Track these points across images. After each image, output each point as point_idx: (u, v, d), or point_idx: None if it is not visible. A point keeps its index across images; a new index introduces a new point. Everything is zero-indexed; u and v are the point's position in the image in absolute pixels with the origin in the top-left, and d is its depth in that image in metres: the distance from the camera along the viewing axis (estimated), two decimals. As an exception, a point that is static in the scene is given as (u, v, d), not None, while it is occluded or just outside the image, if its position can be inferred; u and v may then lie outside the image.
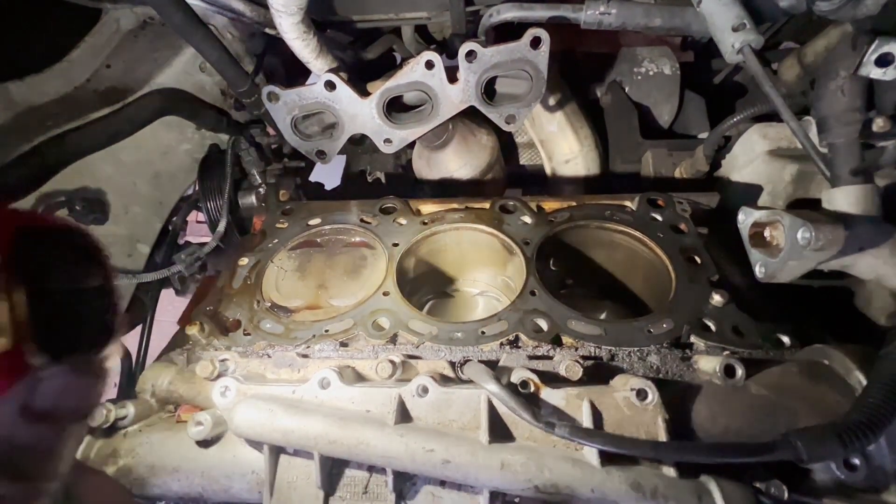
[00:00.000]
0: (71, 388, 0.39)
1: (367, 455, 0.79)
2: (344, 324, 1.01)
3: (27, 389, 0.37)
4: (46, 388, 0.38)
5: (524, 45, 1.13)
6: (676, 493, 0.72)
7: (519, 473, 0.75)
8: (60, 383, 0.38)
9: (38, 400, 0.37)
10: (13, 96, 1.21)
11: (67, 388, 0.39)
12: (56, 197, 1.29)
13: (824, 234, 0.85)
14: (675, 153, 1.52)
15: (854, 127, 0.96)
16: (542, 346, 0.93)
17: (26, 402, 0.37)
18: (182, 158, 1.62)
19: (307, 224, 1.27)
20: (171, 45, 1.44)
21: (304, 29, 1.16)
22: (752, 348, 0.91)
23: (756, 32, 1.01)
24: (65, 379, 0.39)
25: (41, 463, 0.38)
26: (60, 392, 0.38)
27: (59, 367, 0.39)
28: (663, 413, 0.80)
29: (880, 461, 0.73)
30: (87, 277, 0.44)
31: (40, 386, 0.37)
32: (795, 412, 0.81)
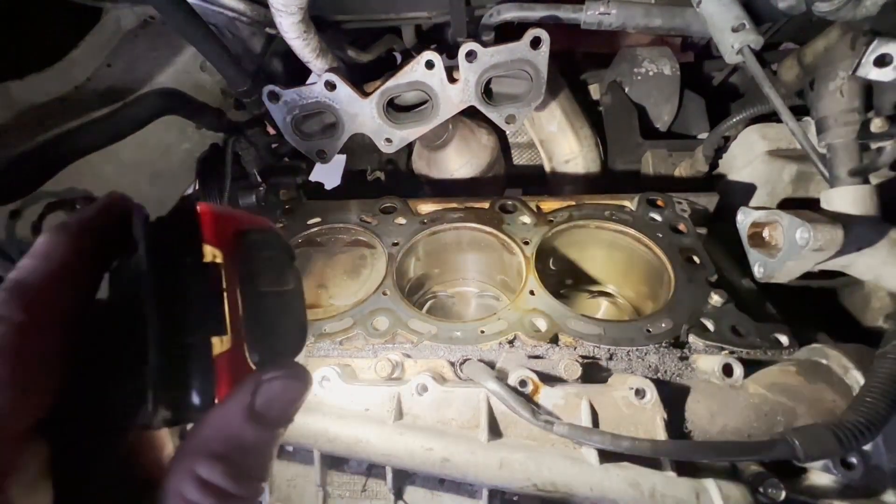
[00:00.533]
0: (286, 393, 0.40)
1: (367, 453, 0.79)
2: (343, 323, 1.01)
3: (252, 391, 0.38)
4: (267, 392, 0.38)
5: (524, 45, 1.14)
6: (675, 492, 0.73)
7: (518, 472, 0.75)
8: (279, 386, 0.39)
9: (261, 401, 0.38)
10: (13, 95, 1.21)
11: (284, 392, 0.40)
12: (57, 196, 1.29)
13: (823, 234, 0.85)
14: (674, 153, 1.52)
15: (853, 127, 0.97)
16: (541, 345, 0.93)
17: (252, 403, 0.38)
18: (182, 158, 1.62)
19: (307, 223, 1.27)
20: (172, 44, 1.44)
21: (305, 28, 1.16)
22: (750, 348, 0.92)
23: (756, 33, 1.01)
24: (282, 382, 0.40)
25: (260, 463, 0.39)
26: (278, 396, 0.39)
27: (279, 371, 0.40)
28: (662, 412, 0.80)
29: (877, 460, 0.74)
30: (289, 280, 0.44)
31: (262, 388, 0.38)
32: (793, 411, 0.81)
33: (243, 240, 0.40)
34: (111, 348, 0.37)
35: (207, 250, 0.38)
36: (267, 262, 0.42)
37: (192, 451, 0.36)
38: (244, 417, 0.37)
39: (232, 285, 0.38)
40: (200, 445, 0.36)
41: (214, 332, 0.36)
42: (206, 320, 0.36)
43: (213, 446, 0.36)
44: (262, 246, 0.42)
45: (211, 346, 0.36)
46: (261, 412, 0.38)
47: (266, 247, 0.43)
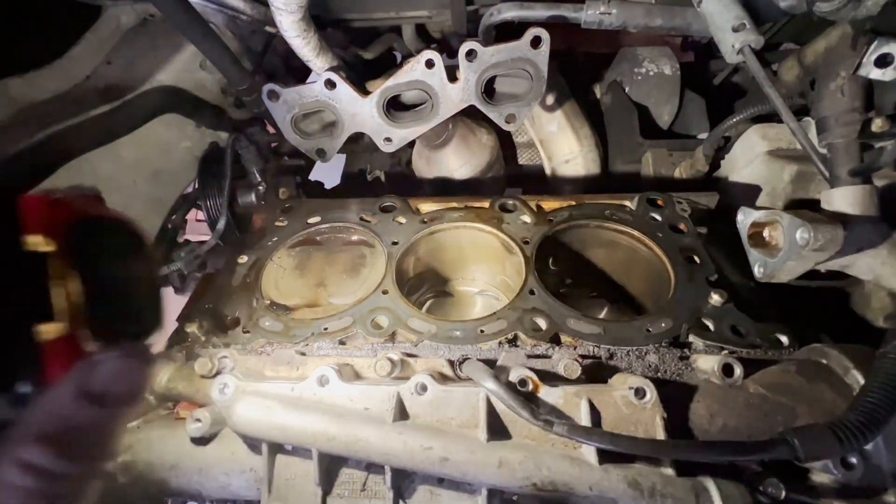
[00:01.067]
0: (123, 373, 0.41)
1: (366, 452, 0.79)
2: (343, 322, 1.01)
3: (85, 373, 0.39)
4: (101, 373, 0.40)
5: (524, 45, 1.13)
6: (674, 492, 0.73)
7: (517, 471, 0.75)
8: (114, 368, 0.41)
9: (95, 383, 0.39)
10: (13, 93, 1.21)
11: (120, 373, 0.41)
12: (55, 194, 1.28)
13: (823, 234, 0.85)
14: (674, 153, 1.52)
15: (853, 127, 0.97)
16: (541, 344, 0.93)
17: (84, 386, 0.39)
18: (182, 156, 1.62)
19: (307, 222, 1.27)
20: (172, 42, 1.44)
21: (305, 27, 1.16)
22: (750, 348, 0.92)
23: (756, 33, 1.01)
24: (118, 364, 0.41)
25: (97, 444, 0.40)
26: (114, 376, 0.40)
27: (113, 353, 0.41)
28: (661, 412, 0.80)
29: (877, 460, 0.74)
30: (136, 266, 0.45)
31: (96, 370, 0.40)
32: (793, 411, 0.81)
33: (80, 228, 0.41)
34: None
35: (32, 239, 0.37)
36: (112, 250, 0.43)
37: (17, 437, 0.36)
38: (74, 398, 0.38)
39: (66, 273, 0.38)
40: (26, 430, 0.37)
41: (39, 319, 0.36)
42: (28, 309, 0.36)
43: (40, 429, 0.37)
44: (103, 235, 0.43)
45: (36, 334, 0.36)
46: (96, 392, 0.38)
47: (109, 235, 0.43)
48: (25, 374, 0.36)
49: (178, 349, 1.03)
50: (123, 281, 0.44)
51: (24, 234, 0.37)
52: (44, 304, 0.37)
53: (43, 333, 0.37)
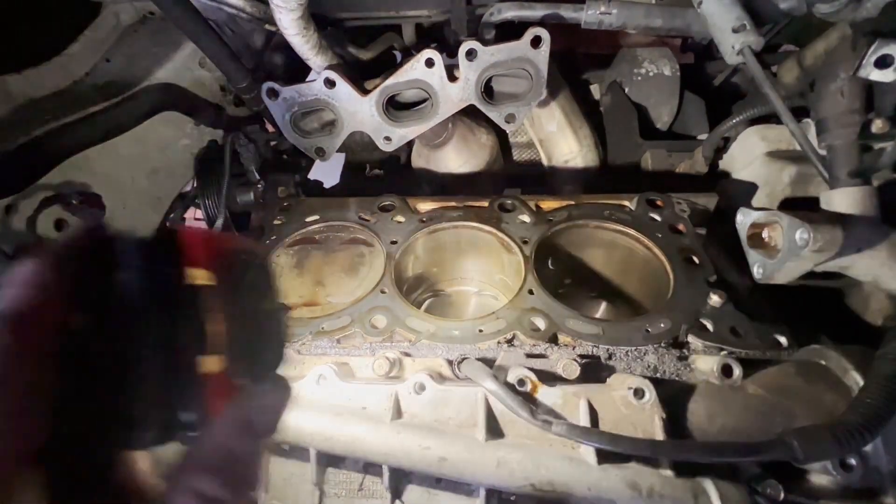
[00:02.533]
0: (272, 406, 0.44)
1: (363, 452, 0.79)
2: (341, 321, 1.00)
3: (244, 405, 0.41)
4: (256, 405, 0.42)
5: (524, 45, 1.13)
6: (673, 492, 0.72)
7: (515, 471, 0.75)
8: (267, 399, 0.43)
9: (251, 416, 0.41)
10: (11, 90, 1.20)
11: (270, 406, 0.44)
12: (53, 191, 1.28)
13: (822, 235, 0.85)
14: (674, 154, 1.52)
15: (853, 128, 0.97)
16: (540, 344, 0.93)
17: (244, 418, 0.41)
18: (180, 154, 1.61)
19: (305, 221, 1.26)
20: (171, 40, 1.44)
21: (304, 25, 1.15)
22: (749, 348, 0.91)
23: (756, 34, 1.01)
24: (269, 397, 0.44)
25: (251, 472, 0.42)
26: (265, 409, 0.43)
27: (266, 386, 0.44)
28: (660, 412, 0.80)
29: (876, 462, 0.74)
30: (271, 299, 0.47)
31: (252, 402, 0.42)
32: (792, 412, 0.81)
33: (228, 262, 0.42)
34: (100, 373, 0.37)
35: (193, 273, 0.39)
36: (251, 282, 0.44)
37: (190, 467, 0.38)
38: (236, 431, 0.40)
39: (218, 306, 0.40)
40: (198, 461, 0.38)
41: (202, 351, 0.38)
42: (194, 341, 0.38)
43: (209, 460, 0.38)
44: (246, 267, 0.44)
45: (200, 366, 0.38)
46: (250, 424, 0.41)
47: (250, 268, 0.45)
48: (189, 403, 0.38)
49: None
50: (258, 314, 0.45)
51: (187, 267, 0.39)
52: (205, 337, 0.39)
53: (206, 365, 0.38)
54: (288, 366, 0.50)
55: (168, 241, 0.40)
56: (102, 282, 0.38)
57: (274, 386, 0.44)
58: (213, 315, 0.39)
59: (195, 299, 0.39)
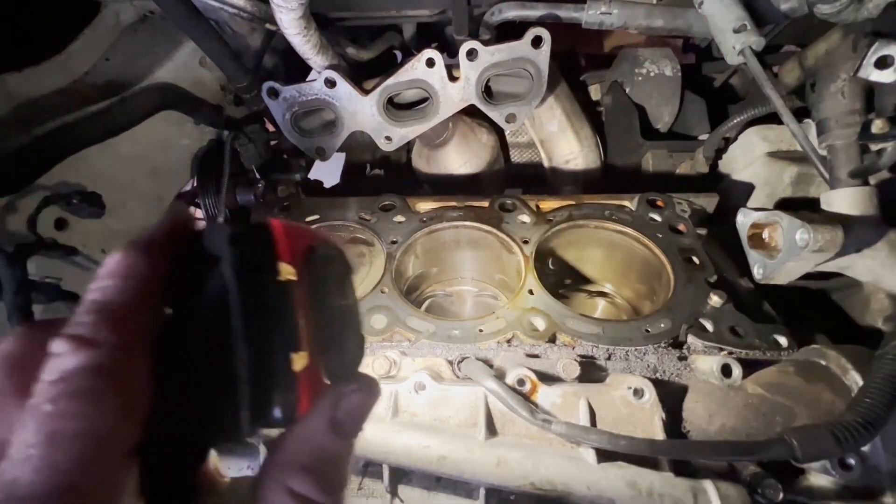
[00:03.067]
0: (362, 404, 0.42)
1: (363, 450, 0.79)
2: (341, 320, 1.00)
3: (334, 404, 0.40)
4: (346, 404, 0.40)
5: (525, 44, 1.13)
6: (672, 492, 0.72)
7: (515, 470, 0.75)
8: (356, 398, 0.41)
9: (340, 414, 0.40)
10: (11, 88, 1.20)
11: (360, 404, 0.42)
12: (53, 190, 1.28)
13: (822, 235, 0.85)
14: (675, 154, 1.52)
15: (853, 129, 0.97)
16: (540, 344, 0.93)
17: (333, 416, 0.40)
18: (181, 153, 1.61)
19: (305, 220, 1.26)
20: (171, 39, 1.44)
21: (305, 25, 1.15)
22: (749, 348, 0.91)
23: (757, 34, 1.01)
24: (358, 394, 0.42)
25: (342, 472, 0.41)
26: (354, 408, 0.41)
27: (354, 385, 0.42)
28: (660, 412, 0.80)
29: (875, 461, 0.74)
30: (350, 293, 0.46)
31: (342, 401, 0.40)
32: (791, 412, 0.81)
33: (312, 256, 0.41)
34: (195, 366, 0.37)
35: (283, 267, 0.38)
36: (332, 277, 0.43)
37: (283, 465, 0.37)
38: (327, 430, 0.39)
39: (304, 301, 0.39)
40: (290, 459, 0.38)
41: (294, 348, 0.37)
42: (286, 337, 0.37)
43: (301, 459, 0.38)
44: (328, 262, 0.43)
45: (292, 363, 0.37)
46: (340, 424, 0.40)
47: (332, 262, 0.44)
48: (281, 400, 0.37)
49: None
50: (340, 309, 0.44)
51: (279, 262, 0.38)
52: (295, 333, 0.38)
53: (296, 362, 0.37)
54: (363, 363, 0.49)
55: (261, 233, 0.39)
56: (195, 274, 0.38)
57: (361, 384, 0.43)
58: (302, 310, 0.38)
59: (286, 294, 0.38)
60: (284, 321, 0.38)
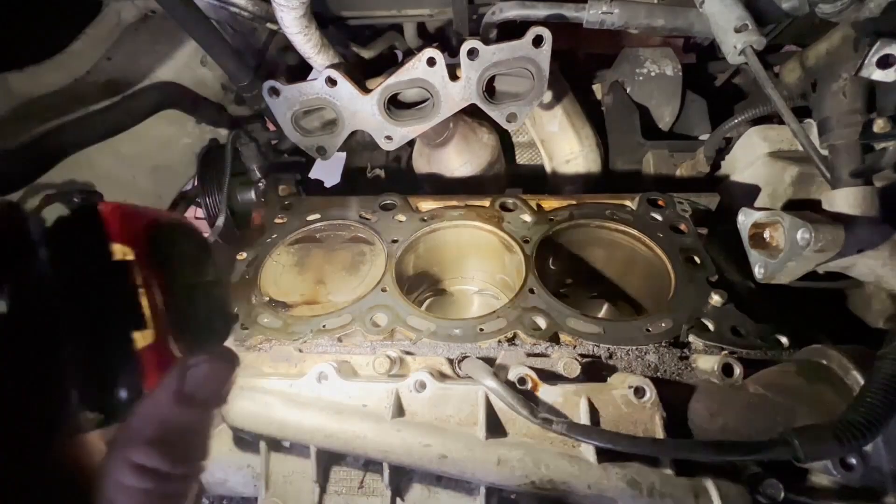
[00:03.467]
0: (213, 375, 0.43)
1: (364, 449, 0.79)
2: (342, 319, 1.00)
3: (180, 377, 0.41)
4: (195, 376, 0.42)
5: (526, 44, 1.13)
6: (673, 491, 0.72)
7: (516, 469, 0.75)
8: (206, 371, 0.42)
9: (189, 386, 0.41)
10: (12, 87, 1.20)
11: (211, 375, 0.43)
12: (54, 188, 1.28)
13: (824, 235, 0.85)
14: (675, 154, 1.52)
15: (854, 128, 0.97)
16: (541, 343, 0.93)
17: (181, 389, 0.40)
18: (182, 152, 1.61)
19: (306, 219, 1.26)
20: (173, 38, 1.44)
21: (306, 24, 1.15)
22: (750, 348, 0.91)
23: (758, 34, 1.01)
24: (209, 367, 0.43)
25: (195, 444, 0.42)
26: (206, 379, 0.42)
27: (204, 356, 0.43)
28: (661, 411, 0.80)
29: (877, 461, 0.73)
30: (207, 270, 0.47)
31: (190, 373, 0.41)
32: (793, 412, 0.81)
33: (154, 235, 0.41)
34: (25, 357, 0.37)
35: (116, 248, 0.38)
36: (182, 255, 0.44)
37: (125, 441, 0.38)
38: (173, 402, 0.40)
39: (148, 280, 0.39)
40: (133, 434, 0.38)
41: (134, 327, 0.37)
42: (123, 317, 0.37)
43: (145, 433, 0.38)
44: (174, 240, 0.43)
45: (132, 342, 0.37)
46: (190, 395, 0.40)
47: (180, 240, 0.44)
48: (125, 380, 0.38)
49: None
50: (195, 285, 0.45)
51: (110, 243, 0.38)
52: (135, 311, 0.38)
53: (138, 340, 0.38)
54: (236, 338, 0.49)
55: (87, 217, 0.39)
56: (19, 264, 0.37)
57: (215, 355, 0.43)
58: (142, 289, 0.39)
59: (120, 274, 0.38)
60: (123, 301, 0.38)
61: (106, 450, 0.40)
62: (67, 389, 0.36)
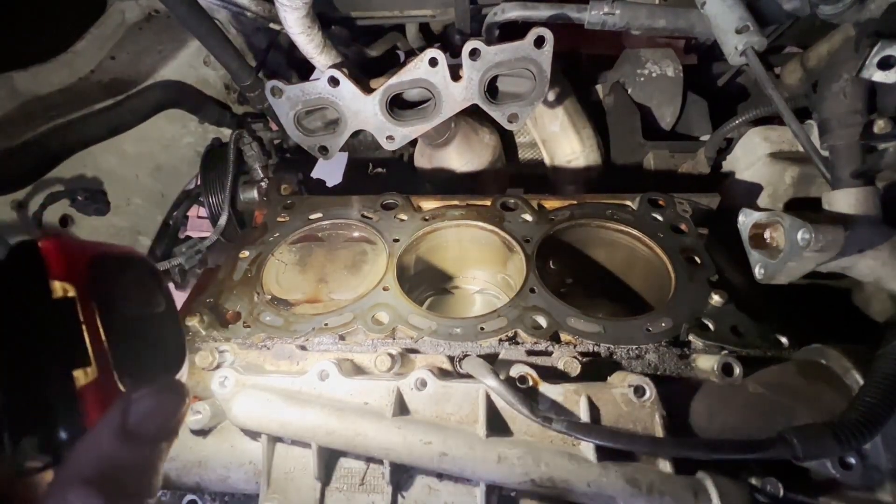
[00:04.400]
0: (159, 408, 0.41)
1: (365, 447, 0.79)
2: (343, 317, 1.01)
3: (122, 411, 0.39)
4: (138, 410, 0.40)
5: (528, 44, 1.14)
6: (672, 489, 0.73)
7: (516, 467, 0.75)
8: (150, 404, 0.41)
9: (132, 421, 0.39)
10: (18, 86, 1.21)
11: (156, 408, 0.41)
12: (58, 186, 1.29)
13: (824, 235, 0.85)
14: (676, 154, 1.53)
15: (855, 129, 0.97)
16: (541, 342, 0.93)
17: (122, 424, 0.39)
18: (185, 151, 1.62)
19: (308, 218, 1.27)
20: (176, 37, 1.45)
21: (309, 24, 1.16)
22: (750, 348, 0.92)
23: (759, 34, 1.02)
24: (153, 399, 0.41)
25: (140, 480, 0.40)
26: (150, 412, 0.41)
27: (148, 389, 0.41)
28: (661, 410, 0.80)
29: (876, 460, 0.74)
30: (154, 301, 0.46)
31: (132, 407, 0.40)
32: (792, 410, 0.81)
33: (98, 270, 0.41)
34: None
35: (57, 286, 0.38)
36: (129, 288, 0.43)
37: (62, 481, 0.36)
38: (115, 438, 0.38)
39: (91, 316, 0.38)
40: (71, 473, 0.37)
41: (75, 364, 0.37)
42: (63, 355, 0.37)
43: (84, 472, 0.36)
44: (120, 274, 0.43)
45: (73, 380, 0.36)
46: (134, 430, 0.39)
47: (126, 274, 0.43)
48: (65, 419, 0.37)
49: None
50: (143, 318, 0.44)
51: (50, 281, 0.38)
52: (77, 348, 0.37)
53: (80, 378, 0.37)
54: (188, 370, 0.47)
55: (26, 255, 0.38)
56: None
57: (162, 388, 0.41)
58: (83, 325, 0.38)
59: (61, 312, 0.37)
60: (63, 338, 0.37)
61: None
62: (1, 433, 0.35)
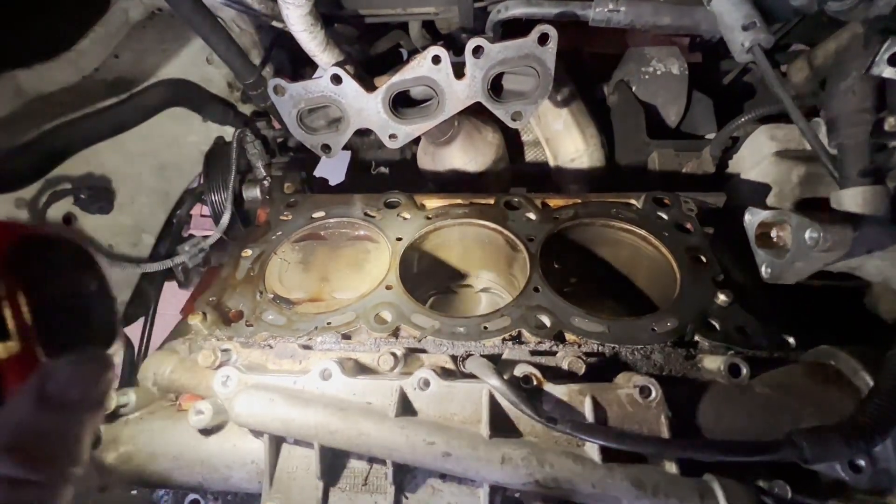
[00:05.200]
0: (81, 377, 0.42)
1: (368, 446, 0.78)
2: (346, 316, 1.00)
3: (41, 380, 0.40)
4: (58, 378, 0.40)
5: (532, 42, 1.13)
6: (678, 491, 0.72)
7: (520, 468, 0.75)
8: (71, 373, 0.41)
9: (52, 389, 0.40)
10: (21, 84, 1.21)
11: (78, 377, 0.42)
12: (62, 185, 1.29)
13: (832, 234, 0.84)
14: (681, 153, 1.52)
15: (864, 127, 0.96)
16: (546, 342, 0.92)
17: (41, 392, 0.39)
18: (188, 150, 1.62)
19: (311, 217, 1.27)
20: (180, 36, 1.44)
21: (312, 22, 1.15)
22: (756, 348, 0.91)
23: (766, 31, 1.00)
24: (74, 369, 0.42)
25: (63, 449, 0.40)
26: (72, 381, 0.41)
27: (67, 358, 0.42)
28: (666, 410, 0.79)
29: (886, 463, 0.73)
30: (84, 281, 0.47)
31: (52, 376, 0.40)
32: (800, 412, 0.80)
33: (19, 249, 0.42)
34: None
35: None
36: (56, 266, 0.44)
37: None
38: (32, 405, 0.38)
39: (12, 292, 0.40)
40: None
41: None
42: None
43: (3, 440, 0.37)
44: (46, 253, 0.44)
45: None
46: (52, 397, 0.39)
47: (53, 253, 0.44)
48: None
49: (182, 341, 1.03)
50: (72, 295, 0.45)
51: None
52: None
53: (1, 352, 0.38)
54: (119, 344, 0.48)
55: None
56: None
57: (82, 359, 0.42)
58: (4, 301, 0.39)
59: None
60: None
61: None
62: None
